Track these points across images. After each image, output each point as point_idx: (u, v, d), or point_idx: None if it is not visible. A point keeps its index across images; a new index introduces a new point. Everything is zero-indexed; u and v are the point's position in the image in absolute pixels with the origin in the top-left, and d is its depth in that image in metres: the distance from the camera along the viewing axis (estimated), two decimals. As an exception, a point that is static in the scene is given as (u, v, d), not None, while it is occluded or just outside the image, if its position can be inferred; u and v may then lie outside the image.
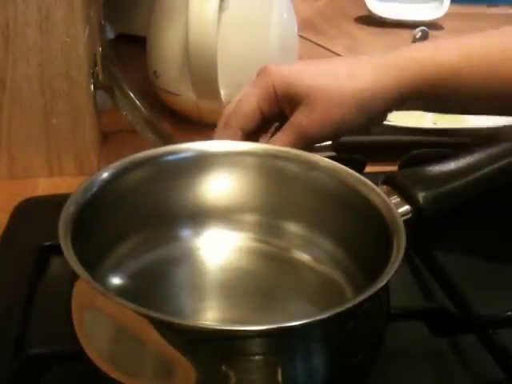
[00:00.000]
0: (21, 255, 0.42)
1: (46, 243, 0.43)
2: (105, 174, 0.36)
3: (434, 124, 0.68)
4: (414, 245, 0.45)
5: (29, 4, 0.50)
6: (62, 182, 0.56)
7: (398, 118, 0.67)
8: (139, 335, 0.27)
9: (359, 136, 0.64)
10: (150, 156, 0.38)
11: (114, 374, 0.27)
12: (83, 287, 0.29)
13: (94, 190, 0.34)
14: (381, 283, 0.28)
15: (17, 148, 0.55)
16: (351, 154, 0.53)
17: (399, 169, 0.54)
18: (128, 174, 0.37)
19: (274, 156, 0.40)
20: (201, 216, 0.40)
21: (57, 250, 0.43)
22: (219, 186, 0.40)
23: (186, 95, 0.63)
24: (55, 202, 0.51)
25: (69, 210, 0.32)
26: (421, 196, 0.35)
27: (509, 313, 0.37)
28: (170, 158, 0.39)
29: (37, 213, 0.49)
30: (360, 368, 0.30)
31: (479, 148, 0.41)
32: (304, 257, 0.39)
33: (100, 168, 0.57)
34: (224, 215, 0.40)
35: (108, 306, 0.28)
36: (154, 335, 0.26)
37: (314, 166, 0.38)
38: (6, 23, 0.50)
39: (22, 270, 0.40)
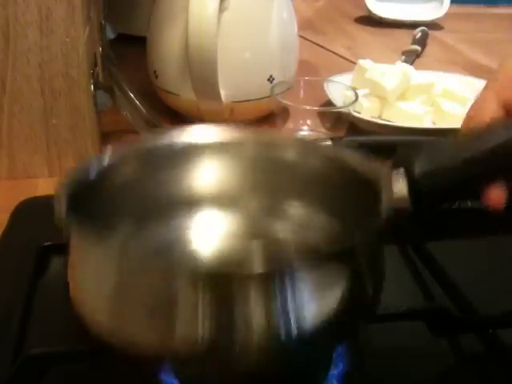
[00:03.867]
0: (21, 255, 0.42)
1: (46, 243, 0.43)
2: (93, 167, 0.35)
3: (434, 124, 0.68)
4: (413, 244, 0.45)
5: (29, 4, 0.50)
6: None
7: (398, 118, 0.67)
8: (139, 281, 0.27)
9: (359, 136, 0.64)
10: (142, 145, 0.38)
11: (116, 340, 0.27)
12: (78, 238, 0.29)
13: (83, 184, 0.33)
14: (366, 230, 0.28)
15: (17, 148, 0.55)
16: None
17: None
18: (121, 163, 0.36)
19: (266, 143, 0.39)
20: (195, 205, 0.40)
21: (57, 249, 0.43)
22: (213, 174, 0.40)
23: (185, 95, 0.63)
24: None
25: (62, 192, 0.31)
26: (418, 171, 0.35)
27: (509, 313, 0.37)
28: (163, 146, 0.38)
29: (37, 213, 0.49)
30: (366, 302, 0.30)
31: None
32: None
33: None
34: (218, 202, 0.40)
35: (104, 252, 0.27)
36: (153, 278, 0.26)
37: (307, 150, 0.39)
38: (6, 23, 0.50)
39: (22, 269, 0.40)
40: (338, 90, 0.67)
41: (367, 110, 0.68)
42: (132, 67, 0.71)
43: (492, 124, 0.38)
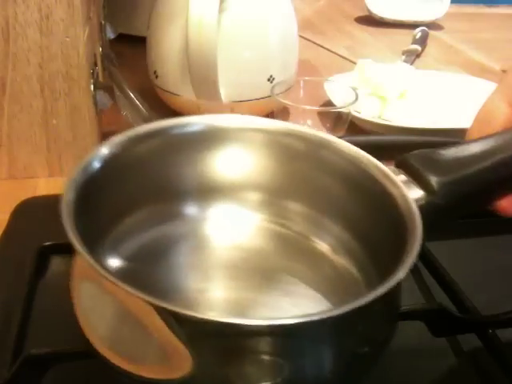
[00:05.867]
0: (21, 255, 0.42)
1: (46, 243, 0.43)
2: (105, 149, 0.34)
3: (434, 124, 0.68)
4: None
5: (29, 4, 0.50)
6: (62, 182, 0.56)
7: (398, 118, 0.67)
8: (139, 319, 0.26)
9: (359, 136, 0.64)
10: (156, 128, 0.36)
11: (112, 358, 0.27)
12: (87, 272, 0.28)
13: (95, 166, 0.33)
14: (396, 280, 0.27)
15: (17, 148, 0.55)
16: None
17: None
18: (131, 148, 0.35)
19: (286, 134, 0.38)
20: (207, 193, 0.38)
21: (57, 249, 0.43)
22: (227, 162, 0.38)
23: (186, 95, 0.63)
24: (55, 202, 0.51)
25: (69, 189, 0.30)
26: (434, 181, 0.33)
27: (509, 313, 0.37)
28: (177, 131, 0.37)
29: (37, 213, 0.49)
30: (365, 364, 0.30)
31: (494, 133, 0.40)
32: (312, 240, 0.38)
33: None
34: (230, 192, 0.39)
35: (110, 290, 0.27)
36: (154, 321, 0.25)
37: (326, 145, 0.37)
38: (5, 23, 0.50)
39: (21, 270, 0.40)
40: (338, 89, 0.67)
41: (367, 110, 0.68)
42: (132, 67, 0.71)
43: (504, 129, 0.37)
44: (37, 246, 0.43)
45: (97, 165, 0.33)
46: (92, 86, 0.56)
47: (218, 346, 0.26)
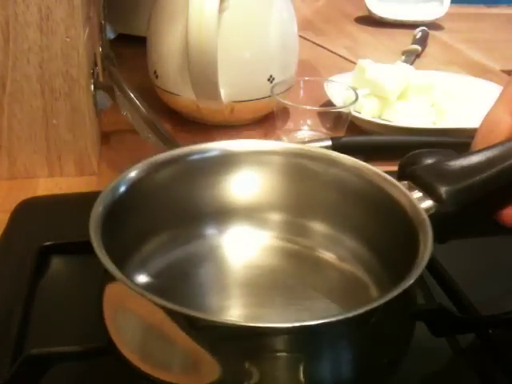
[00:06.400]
0: (21, 255, 0.42)
1: (46, 243, 0.43)
2: (131, 174, 0.36)
3: (434, 124, 0.68)
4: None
5: (29, 4, 0.50)
6: (62, 182, 0.56)
7: (398, 118, 0.67)
8: (171, 332, 0.27)
9: (359, 136, 0.64)
10: (176, 155, 0.38)
11: (144, 368, 0.28)
12: (116, 287, 0.29)
13: (121, 190, 0.34)
14: (410, 280, 0.28)
15: (17, 148, 0.55)
16: (351, 154, 0.53)
17: (399, 169, 0.54)
18: (154, 173, 0.37)
19: (297, 154, 0.40)
20: (225, 214, 0.40)
21: (57, 249, 0.43)
22: (244, 185, 0.40)
23: (186, 95, 0.63)
24: (55, 202, 0.51)
25: (97, 210, 0.32)
26: (443, 191, 0.34)
27: (509, 313, 0.37)
28: (196, 157, 0.39)
29: (37, 213, 0.49)
30: (386, 368, 0.30)
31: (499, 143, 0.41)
32: (328, 255, 0.39)
33: (100, 168, 0.57)
34: (248, 213, 0.40)
35: (142, 305, 0.28)
36: (185, 332, 0.27)
37: (336, 163, 0.39)
38: (6, 23, 0.50)
39: (22, 270, 0.40)
40: (338, 89, 0.67)
41: (367, 110, 0.68)
42: (132, 67, 0.71)
43: (508, 139, 0.38)
44: (37, 246, 0.43)
45: (123, 188, 0.35)
46: (92, 86, 0.56)
47: (243, 350, 0.27)
